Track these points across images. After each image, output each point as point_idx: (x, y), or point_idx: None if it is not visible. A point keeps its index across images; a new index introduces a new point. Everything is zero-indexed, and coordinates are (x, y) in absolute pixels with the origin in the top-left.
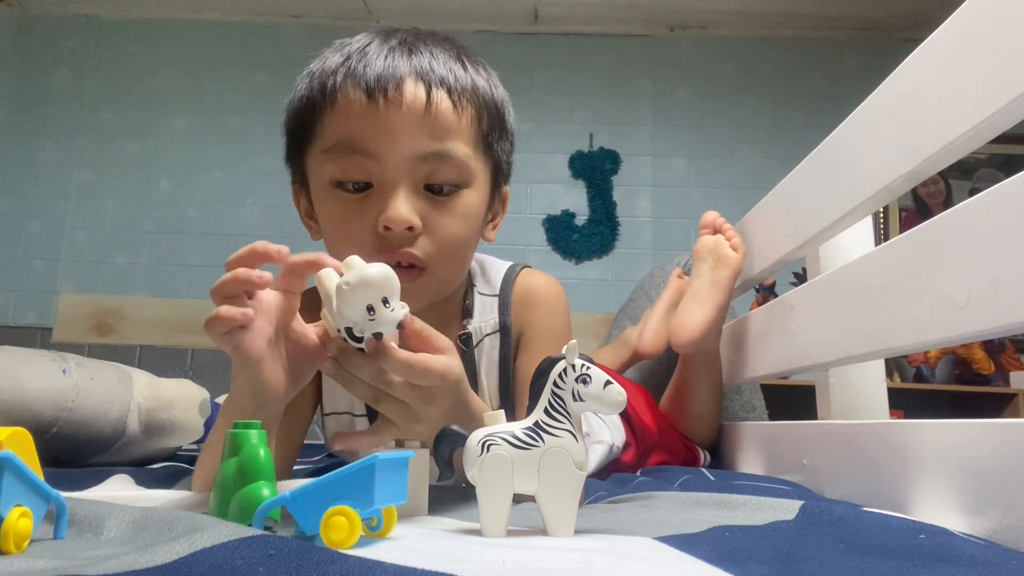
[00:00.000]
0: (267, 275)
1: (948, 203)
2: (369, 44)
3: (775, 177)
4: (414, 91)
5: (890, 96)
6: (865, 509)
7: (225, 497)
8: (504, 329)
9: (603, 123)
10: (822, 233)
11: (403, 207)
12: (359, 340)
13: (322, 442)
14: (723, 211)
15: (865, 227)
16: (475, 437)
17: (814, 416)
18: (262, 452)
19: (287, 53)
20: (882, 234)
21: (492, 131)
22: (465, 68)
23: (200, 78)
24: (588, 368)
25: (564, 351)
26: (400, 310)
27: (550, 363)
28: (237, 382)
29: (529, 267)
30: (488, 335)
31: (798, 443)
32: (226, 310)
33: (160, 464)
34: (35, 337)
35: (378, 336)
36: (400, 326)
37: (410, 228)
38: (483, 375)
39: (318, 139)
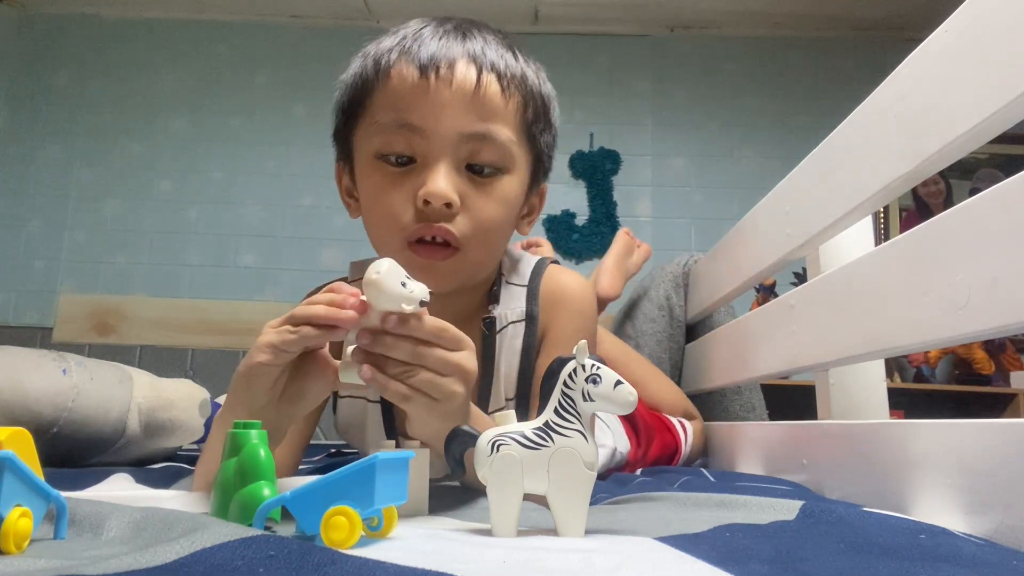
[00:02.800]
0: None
1: (948, 203)
2: (424, 27)
3: (775, 177)
4: (465, 71)
5: (890, 96)
6: (865, 509)
7: (225, 497)
8: (530, 319)
9: (603, 123)
10: (822, 233)
11: (443, 182)
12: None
13: (323, 442)
14: (723, 210)
15: (865, 227)
16: (485, 437)
17: (814, 416)
18: (262, 452)
19: (288, 53)
20: (882, 234)
21: (536, 122)
22: (516, 58)
23: (200, 78)
24: (598, 368)
25: (574, 351)
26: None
27: (560, 363)
28: (236, 396)
29: (557, 262)
30: (513, 323)
31: (798, 443)
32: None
33: (160, 464)
34: (35, 337)
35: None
36: (424, 303)
37: (448, 205)
38: (502, 363)
39: (367, 114)
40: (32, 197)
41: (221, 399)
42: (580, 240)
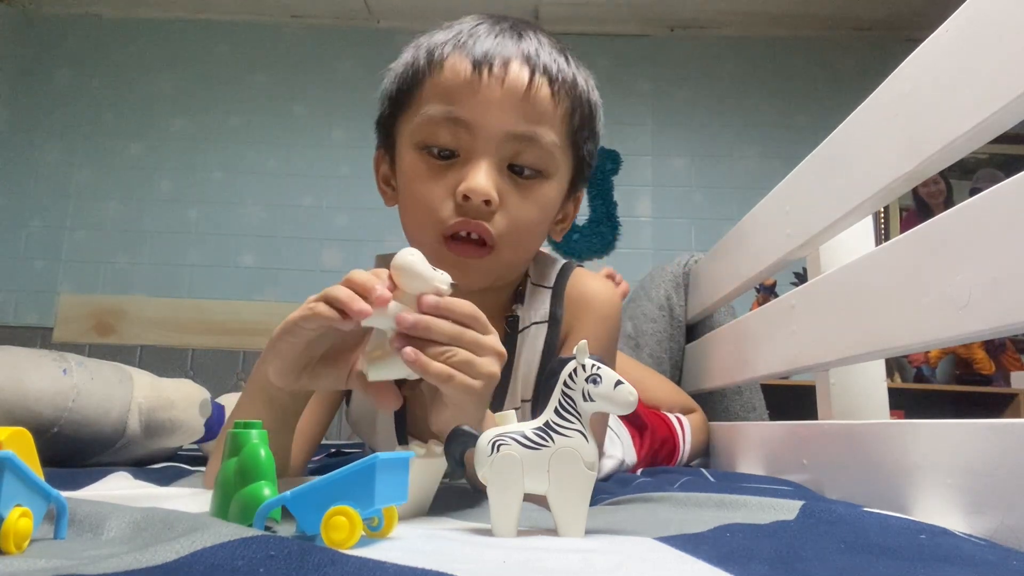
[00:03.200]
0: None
1: (949, 203)
2: (479, 24)
3: (775, 177)
4: (518, 71)
5: (890, 96)
6: (866, 509)
7: (226, 497)
8: (554, 320)
9: (603, 123)
10: (822, 233)
11: (485, 179)
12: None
13: (323, 442)
14: (723, 211)
15: (865, 227)
16: (485, 437)
17: (814, 416)
18: (262, 452)
19: (288, 53)
20: (883, 234)
21: (582, 129)
22: (568, 62)
23: (201, 78)
24: (598, 368)
25: (574, 351)
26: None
27: (560, 363)
28: (260, 367)
29: (582, 266)
30: (536, 323)
31: (798, 443)
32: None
33: (161, 464)
34: (36, 337)
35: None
36: (452, 286)
37: (487, 202)
38: (522, 363)
39: (415, 104)
40: (32, 197)
41: (221, 399)
42: (580, 240)
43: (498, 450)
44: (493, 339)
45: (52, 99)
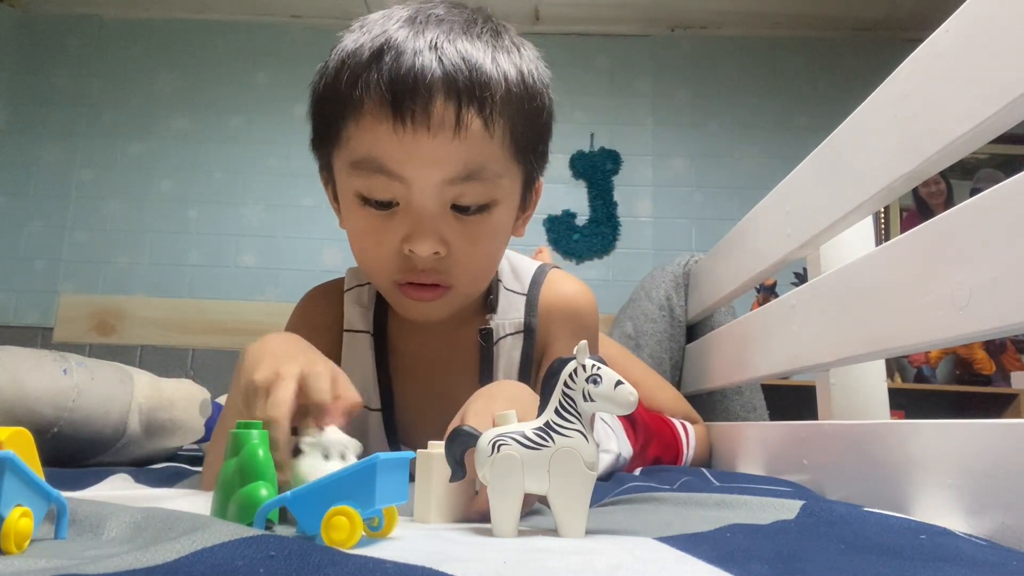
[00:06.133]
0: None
1: (949, 203)
2: (403, 42)
3: (776, 177)
4: (442, 112)
5: (891, 96)
6: (866, 509)
7: (225, 497)
8: (528, 330)
9: (604, 123)
10: (823, 233)
11: (428, 237)
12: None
13: None
14: (724, 211)
15: (866, 227)
16: (486, 437)
17: (815, 416)
18: (261, 452)
19: (288, 53)
20: (883, 234)
21: (526, 134)
22: (499, 66)
23: (201, 78)
24: (599, 368)
25: (575, 351)
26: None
27: (561, 363)
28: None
29: (558, 267)
30: (511, 334)
31: (799, 443)
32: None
33: (161, 464)
34: (36, 337)
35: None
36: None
37: (436, 253)
38: (499, 374)
39: (344, 145)
40: (33, 197)
41: (221, 399)
42: (581, 240)
43: (498, 450)
44: None
45: (52, 99)
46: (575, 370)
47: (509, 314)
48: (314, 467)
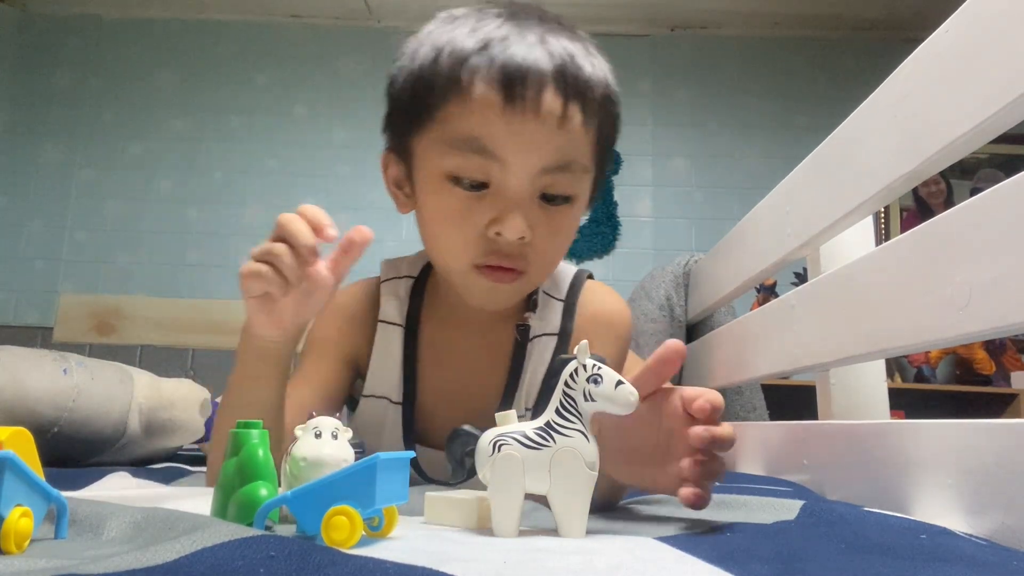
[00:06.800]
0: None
1: (949, 203)
2: (506, 37)
3: (776, 177)
4: (552, 100)
5: (891, 96)
6: (866, 509)
7: (225, 497)
8: (564, 334)
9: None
10: (823, 233)
11: (520, 220)
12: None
13: None
14: (724, 211)
15: (866, 227)
16: (486, 437)
17: (815, 416)
18: (261, 452)
19: (288, 53)
20: (883, 234)
21: (607, 138)
22: (595, 67)
23: (201, 78)
24: (599, 368)
25: (575, 351)
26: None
27: (562, 363)
28: (246, 342)
29: (592, 276)
30: (547, 334)
31: (799, 443)
32: (264, 274)
33: (161, 464)
34: (36, 337)
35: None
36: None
37: (521, 237)
38: (528, 372)
39: (438, 126)
40: (33, 197)
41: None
42: (580, 240)
43: (499, 450)
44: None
45: (52, 99)
46: (576, 370)
47: (547, 316)
48: (310, 445)
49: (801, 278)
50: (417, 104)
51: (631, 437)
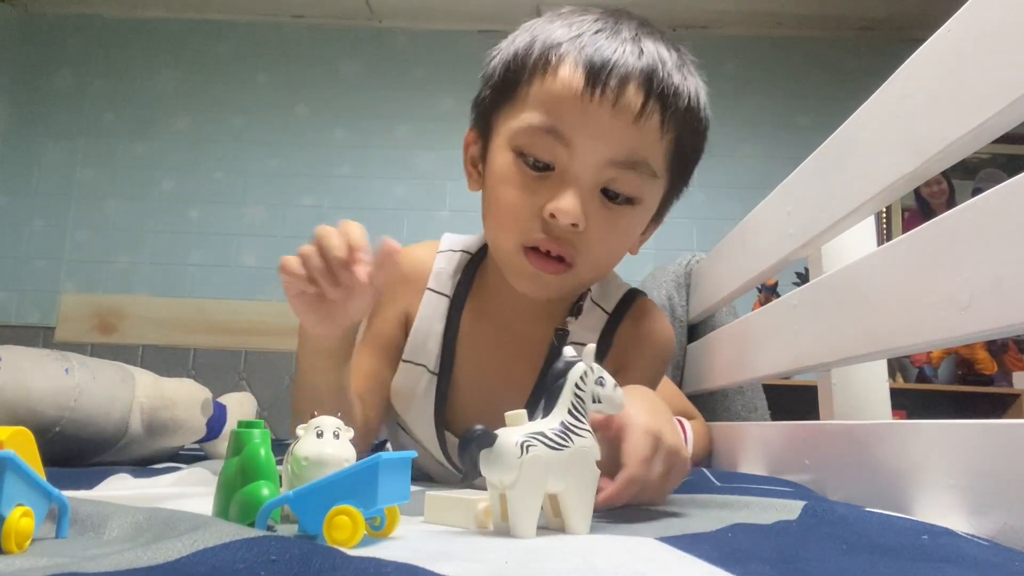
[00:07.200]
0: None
1: (951, 203)
2: (601, 29)
3: (777, 177)
4: (633, 94)
5: (892, 96)
6: (868, 509)
7: (227, 497)
8: (601, 348)
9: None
10: (824, 233)
11: (575, 203)
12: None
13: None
14: (725, 210)
15: (868, 227)
16: (510, 439)
17: (816, 416)
18: (262, 452)
19: (289, 53)
20: (885, 234)
21: (686, 152)
22: (685, 79)
23: (202, 78)
24: (601, 370)
25: (582, 354)
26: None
27: (567, 365)
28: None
29: (646, 296)
30: (581, 344)
31: (800, 443)
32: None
33: (162, 464)
34: (37, 336)
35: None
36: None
37: (574, 225)
38: None
39: (520, 102)
40: (34, 197)
41: (223, 399)
42: None
43: (527, 451)
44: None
45: (53, 99)
46: (585, 372)
47: (588, 324)
48: (312, 444)
49: (803, 278)
50: (504, 85)
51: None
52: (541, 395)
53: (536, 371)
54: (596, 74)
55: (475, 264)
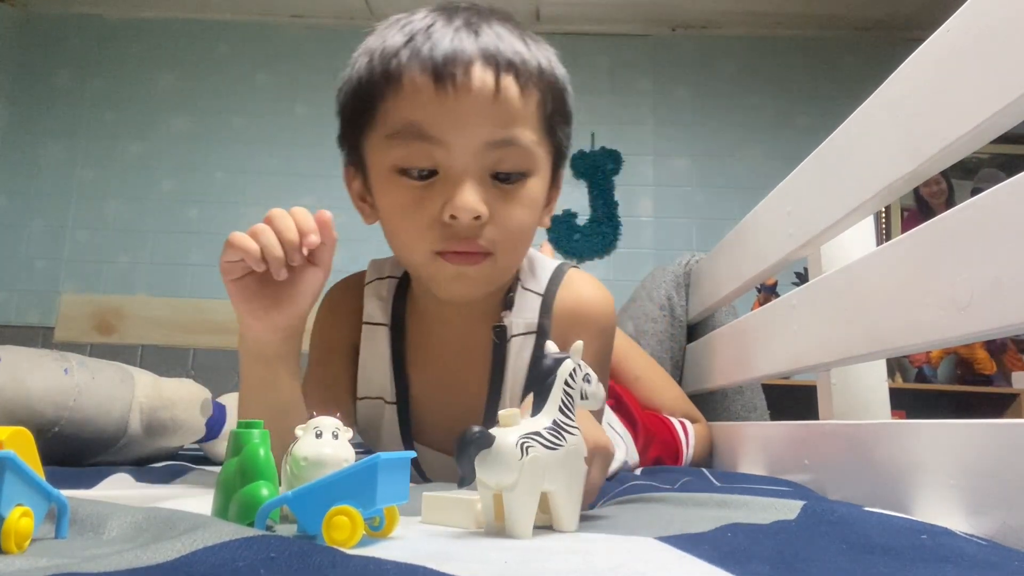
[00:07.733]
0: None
1: (950, 203)
2: (433, 24)
3: (777, 177)
4: (482, 76)
5: (892, 96)
6: (867, 509)
7: (226, 497)
8: (541, 332)
9: (604, 123)
10: (824, 233)
11: (471, 196)
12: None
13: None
14: (724, 210)
15: (867, 227)
16: (509, 439)
17: (816, 416)
18: (262, 452)
19: (289, 53)
20: (884, 234)
21: (555, 114)
22: (529, 48)
23: (202, 78)
24: (586, 366)
25: (571, 351)
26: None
27: (556, 362)
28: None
29: (576, 267)
30: (523, 334)
31: (800, 443)
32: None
33: (162, 464)
34: (37, 336)
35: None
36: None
37: (477, 217)
38: (509, 374)
39: (380, 123)
40: (34, 197)
41: (222, 399)
42: (582, 240)
43: (527, 452)
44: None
45: (53, 99)
46: (574, 369)
47: (523, 313)
48: (311, 445)
49: (802, 278)
50: (359, 109)
51: None
52: (500, 395)
53: (488, 372)
54: (441, 70)
55: (404, 287)
